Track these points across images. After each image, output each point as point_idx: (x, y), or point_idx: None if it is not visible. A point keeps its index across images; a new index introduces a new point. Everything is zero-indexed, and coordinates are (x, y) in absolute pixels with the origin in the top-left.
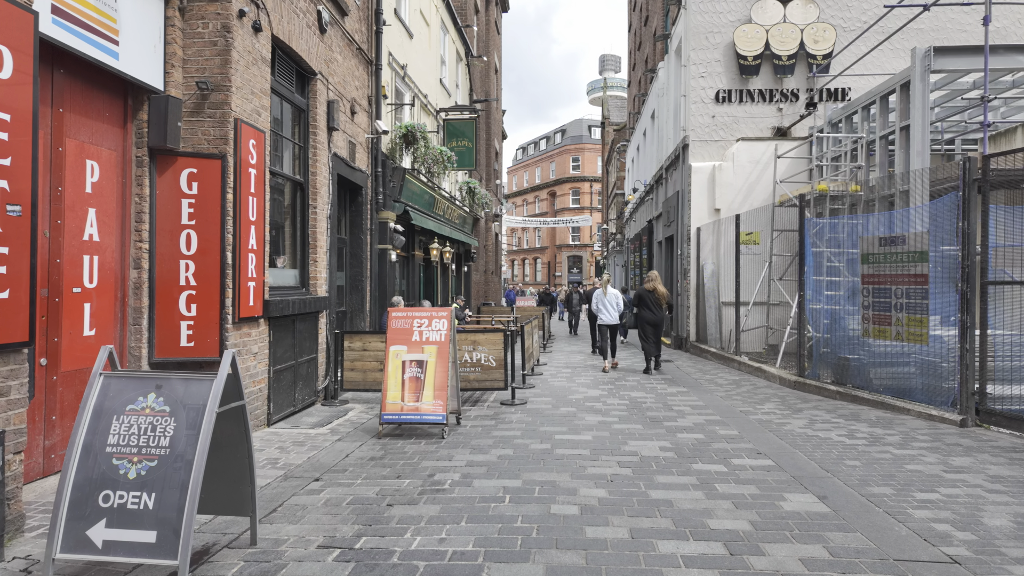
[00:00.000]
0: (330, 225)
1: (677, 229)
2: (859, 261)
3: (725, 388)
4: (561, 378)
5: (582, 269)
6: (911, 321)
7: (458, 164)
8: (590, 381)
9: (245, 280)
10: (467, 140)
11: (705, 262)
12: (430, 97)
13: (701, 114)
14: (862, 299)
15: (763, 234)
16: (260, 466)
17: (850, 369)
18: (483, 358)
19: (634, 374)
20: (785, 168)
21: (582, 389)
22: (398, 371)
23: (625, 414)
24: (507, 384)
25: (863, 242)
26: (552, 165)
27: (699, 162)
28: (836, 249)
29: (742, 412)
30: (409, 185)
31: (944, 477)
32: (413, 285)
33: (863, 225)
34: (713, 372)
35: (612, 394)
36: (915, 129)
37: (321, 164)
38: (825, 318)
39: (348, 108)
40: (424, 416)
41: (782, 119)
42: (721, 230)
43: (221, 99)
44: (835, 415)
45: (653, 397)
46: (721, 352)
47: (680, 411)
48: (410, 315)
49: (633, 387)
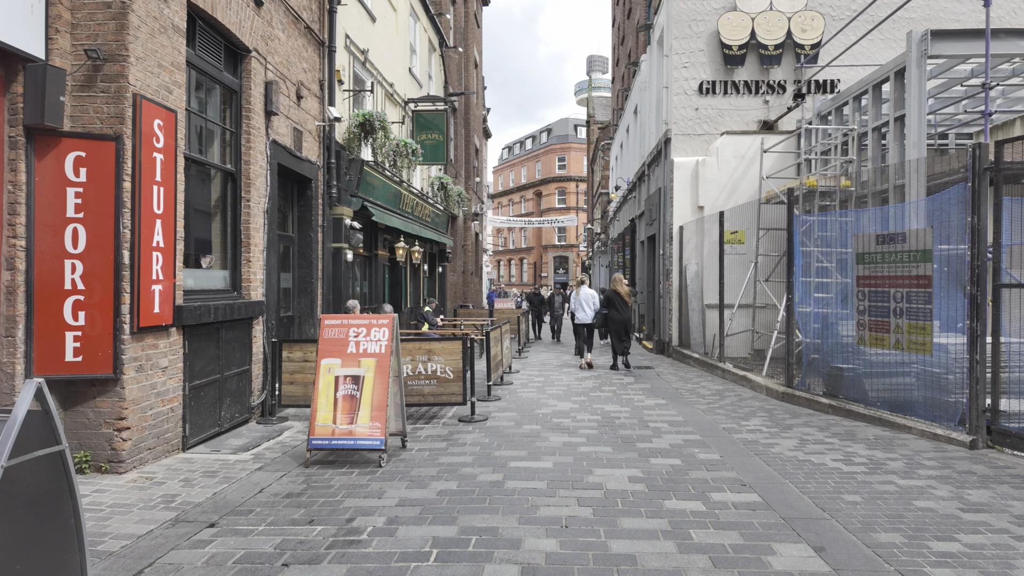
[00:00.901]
0: (268, 220)
1: (659, 228)
2: (853, 261)
3: (707, 400)
4: (531, 388)
5: (568, 270)
6: (912, 328)
7: (426, 158)
8: (562, 392)
9: (148, 283)
10: (437, 133)
11: (688, 262)
12: (397, 86)
13: (684, 107)
14: (857, 303)
15: (748, 233)
16: (151, 507)
17: (844, 380)
18: (439, 369)
19: (610, 384)
20: (772, 163)
21: (552, 402)
22: (330, 388)
23: (595, 433)
24: (466, 399)
25: (858, 240)
26: (538, 165)
27: (682, 157)
28: (826, 248)
29: (725, 430)
30: (369, 179)
31: (962, 519)
32: (377, 287)
33: (858, 221)
34: (695, 380)
35: (584, 408)
36: (911, 119)
37: (256, 152)
38: (815, 323)
39: (293, 92)
40: (359, 441)
41: (768, 112)
42: (705, 229)
43: (117, 71)
44: (828, 433)
45: (628, 411)
46: (704, 358)
47: (656, 428)
48: (345, 323)
49: (608, 399)
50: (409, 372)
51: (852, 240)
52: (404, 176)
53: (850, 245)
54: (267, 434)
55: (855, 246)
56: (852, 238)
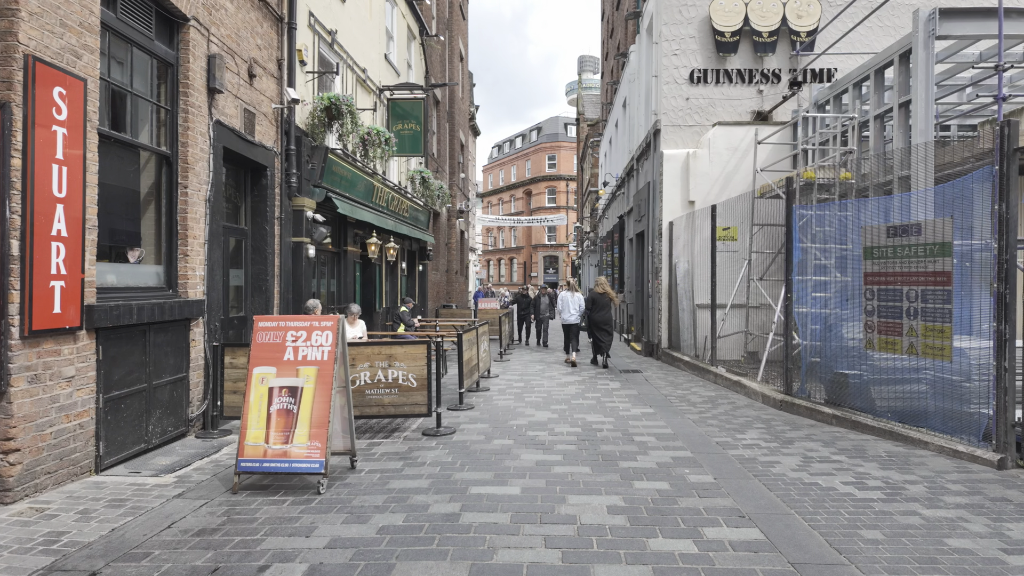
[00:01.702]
0: (211, 210)
1: (648, 224)
2: (860, 256)
3: (699, 408)
4: (509, 395)
5: (558, 270)
6: (929, 331)
7: (402, 149)
8: (541, 400)
9: (45, 278)
10: (415, 123)
11: (678, 260)
12: (371, 73)
13: (674, 96)
14: (864, 303)
15: (742, 229)
16: (26, 550)
17: (849, 388)
18: (401, 377)
19: (594, 391)
20: (766, 155)
21: (529, 411)
22: (263, 401)
23: (573, 449)
24: (431, 409)
25: (865, 233)
26: (528, 163)
27: (672, 149)
28: (825, 244)
29: (719, 445)
30: (336, 168)
31: (1008, 564)
32: (347, 286)
33: (865, 212)
34: (686, 386)
35: (564, 418)
36: (917, 104)
37: (196, 133)
38: (815, 323)
39: (244, 70)
40: (294, 464)
41: (763, 102)
42: (696, 225)
43: (4, 27)
44: (835, 449)
45: (612, 422)
46: (695, 361)
47: (642, 443)
48: (283, 325)
49: (591, 407)
50: (367, 380)
51: (859, 233)
52: (379, 168)
53: (851, 240)
54: (203, 450)
55: (862, 239)
56: (859, 231)
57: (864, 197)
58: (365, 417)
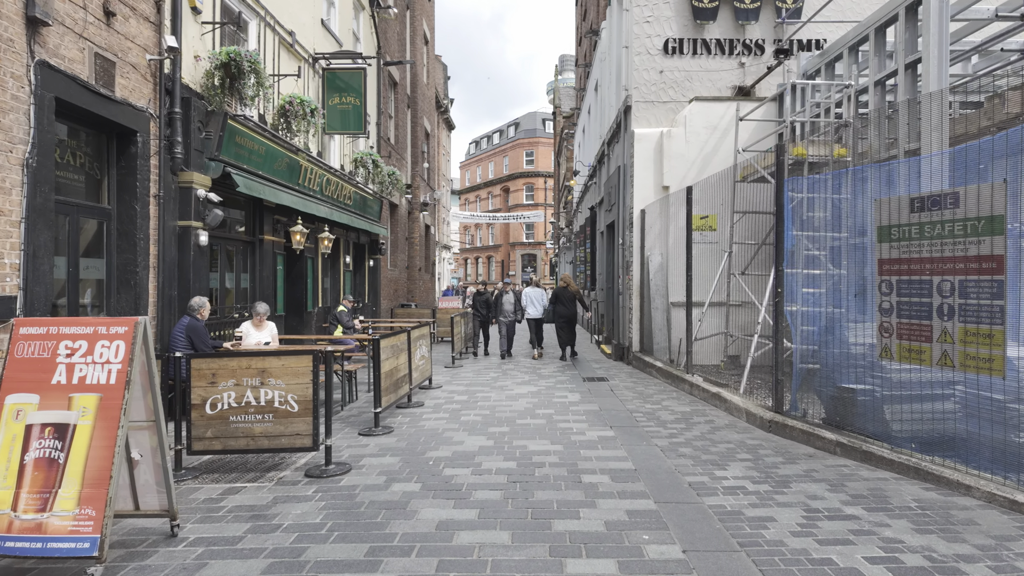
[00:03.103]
0: (32, 178)
1: (618, 213)
2: (873, 239)
3: (670, 429)
4: (444, 413)
5: (537, 268)
6: (971, 336)
7: (338, 124)
8: (481, 419)
9: None
10: (354, 96)
11: (651, 252)
12: (300, 37)
13: (646, 69)
14: (879, 299)
15: (722, 218)
16: None
17: (856, 407)
18: (278, 398)
19: (548, 406)
20: (749, 134)
21: (460, 436)
22: (14, 446)
23: (497, 498)
24: (316, 441)
25: (881, 208)
26: (505, 160)
27: (644, 128)
28: (815, 233)
29: (693, 488)
30: (242, 140)
31: None
32: (263, 281)
33: (880, 181)
34: (656, 398)
35: (500, 446)
36: (929, 63)
37: (5, 74)
38: (809, 324)
39: (97, 3)
40: (51, 543)
41: (744, 76)
42: (670, 212)
43: None
44: (846, 496)
45: (560, 451)
46: (669, 368)
47: (592, 486)
48: (54, 332)
49: (538, 429)
50: (231, 403)
51: (871, 208)
52: (312, 146)
53: (846, 226)
54: None
55: (875, 216)
56: (872, 205)
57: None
58: (229, 452)
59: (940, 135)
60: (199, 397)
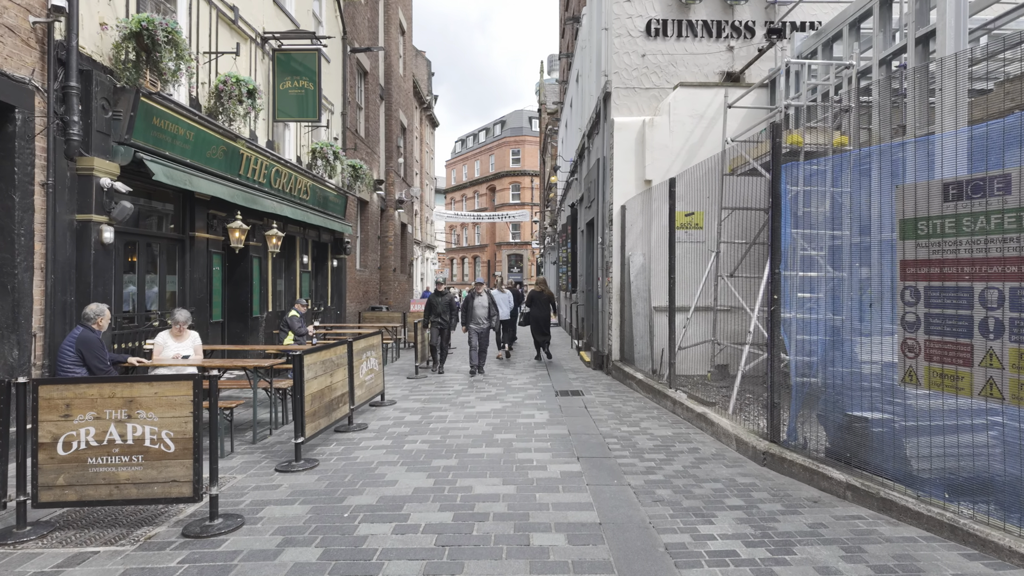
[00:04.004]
0: None
1: (598, 210)
2: (893, 235)
3: (647, 461)
4: (386, 440)
5: (523, 268)
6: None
7: (286, 110)
8: (427, 447)
9: None
10: (307, 80)
11: (632, 252)
12: (245, 13)
13: (627, 52)
14: (901, 310)
15: (708, 215)
16: None
17: (870, 440)
18: (150, 435)
19: (510, 429)
20: (738, 123)
21: (395, 473)
22: None
23: (415, 570)
24: (197, 490)
25: (904, 196)
26: (491, 158)
27: (624, 116)
28: (817, 231)
29: (670, 553)
30: (163, 123)
31: None
32: (196, 284)
33: (904, 159)
34: (635, 417)
35: (440, 487)
36: (945, 35)
37: None
38: (806, 333)
39: None
40: None
41: (733, 61)
42: (653, 208)
43: None
44: (866, 567)
45: (511, 497)
46: (651, 380)
47: (542, 552)
48: None
49: (492, 462)
50: (91, 442)
51: (892, 197)
52: (261, 134)
53: (856, 221)
54: None
55: (897, 208)
56: (893, 193)
57: (866, 170)
58: (86, 504)
59: (964, 112)
60: (49, 434)
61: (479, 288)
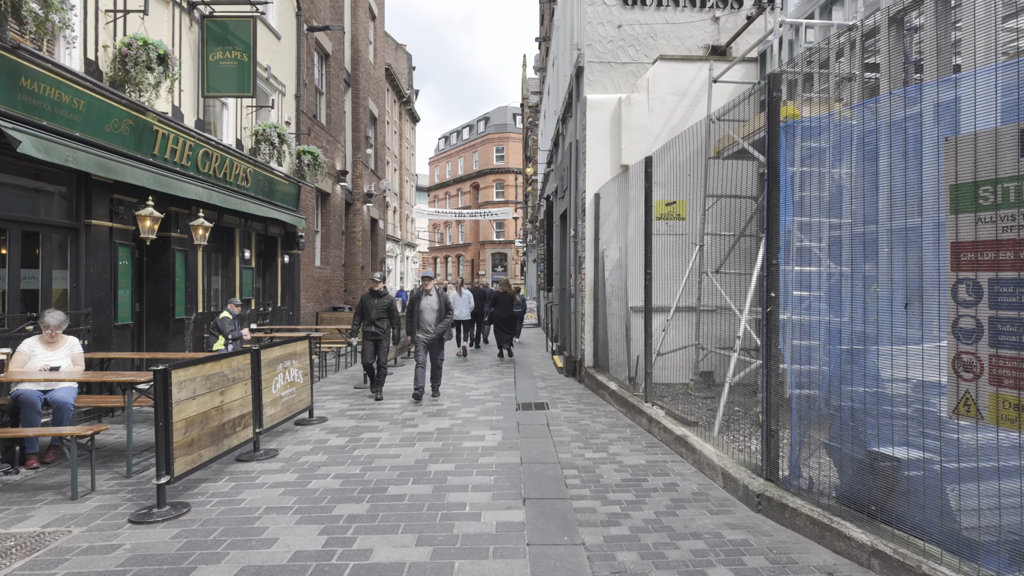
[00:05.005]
0: None
1: (571, 199)
2: (941, 209)
3: (611, 505)
4: (292, 472)
5: (507, 267)
6: None
7: (216, 85)
8: (341, 483)
9: None
10: (241, 51)
11: (607, 246)
12: None
13: (602, 22)
14: (954, 312)
15: (691, 204)
16: None
17: (903, 486)
18: None
19: (451, 456)
20: (724, 101)
21: (283, 524)
22: None
23: None
24: None
25: (957, 151)
26: (475, 155)
27: (598, 94)
28: (814, 219)
29: None
30: (38, 86)
31: None
32: (95, 281)
33: (959, 101)
34: (605, 438)
35: (331, 550)
36: None
37: None
38: (806, 337)
39: None
40: None
41: (719, 33)
42: (630, 197)
43: None
44: None
45: (420, 566)
46: (625, 392)
47: None
48: None
49: (412, 508)
50: None
51: (941, 153)
52: (188, 111)
53: (878, 194)
54: None
55: (947, 168)
56: (943, 146)
57: (873, 151)
58: None
59: None
60: None
61: (427, 284)
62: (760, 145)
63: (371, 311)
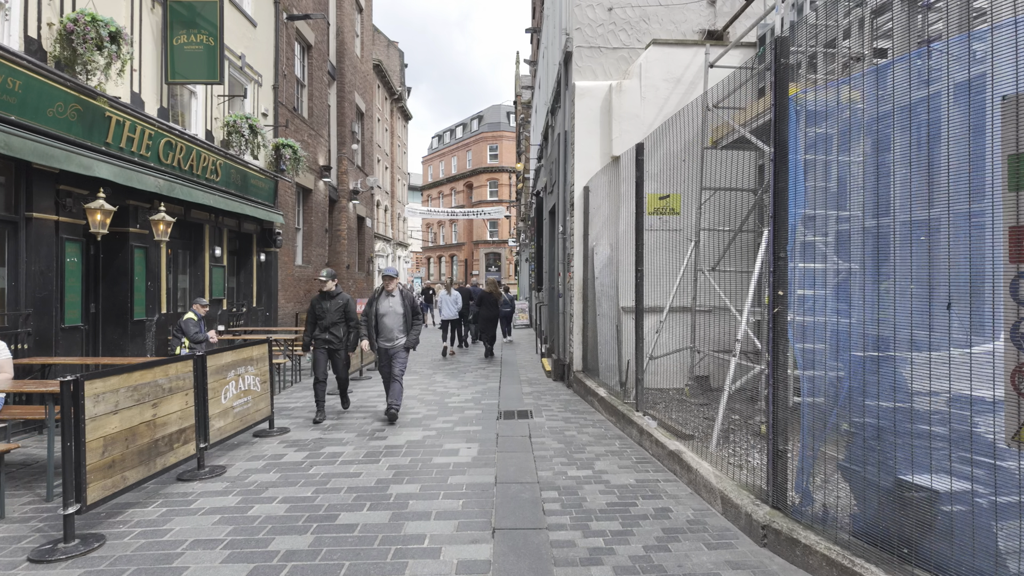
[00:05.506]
0: None
1: (559, 194)
2: (997, 186)
3: (592, 538)
4: (236, 495)
5: (501, 267)
6: None
7: (180, 71)
8: (288, 508)
9: None
10: (207, 34)
11: (597, 243)
12: None
13: (591, 4)
14: (1015, 314)
15: (686, 198)
16: None
17: (941, 523)
18: None
19: (417, 476)
20: (721, 87)
21: (204, 563)
22: None
23: None
24: None
25: (1015, 111)
26: (469, 154)
27: (588, 80)
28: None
29: None
30: None
31: None
32: (32, 278)
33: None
34: (591, 453)
35: None
36: None
37: None
38: (821, 341)
39: None
40: None
41: (715, 17)
42: (622, 191)
43: None
44: None
45: None
46: (615, 400)
47: None
48: None
49: (362, 542)
50: None
51: (997, 116)
52: (151, 99)
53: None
54: None
55: (1005, 135)
56: (999, 109)
57: (883, 140)
58: None
59: None
60: None
61: (389, 284)
62: (760, 133)
63: (324, 316)
